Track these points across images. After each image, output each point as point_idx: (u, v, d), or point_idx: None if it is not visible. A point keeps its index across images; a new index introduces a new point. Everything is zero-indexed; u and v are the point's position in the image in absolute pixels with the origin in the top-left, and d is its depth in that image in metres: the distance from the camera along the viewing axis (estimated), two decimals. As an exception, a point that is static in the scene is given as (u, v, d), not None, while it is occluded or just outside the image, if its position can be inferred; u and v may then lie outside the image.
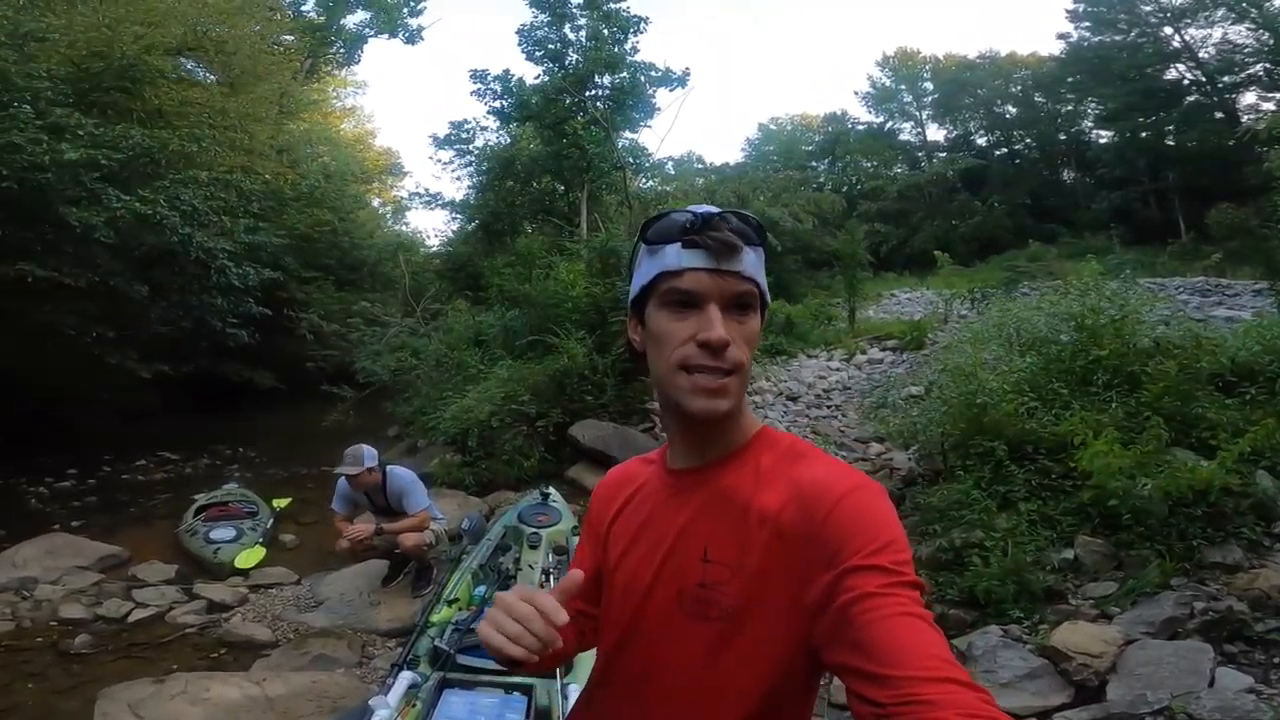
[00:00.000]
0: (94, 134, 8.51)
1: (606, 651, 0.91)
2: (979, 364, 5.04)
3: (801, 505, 0.73)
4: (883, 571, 0.65)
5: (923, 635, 0.61)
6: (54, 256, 8.92)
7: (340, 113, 27.21)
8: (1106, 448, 3.33)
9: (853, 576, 0.66)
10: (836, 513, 0.71)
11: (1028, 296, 10.07)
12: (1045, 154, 30.99)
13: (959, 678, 0.58)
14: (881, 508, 0.72)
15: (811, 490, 0.74)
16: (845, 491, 0.72)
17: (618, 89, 13.16)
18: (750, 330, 0.79)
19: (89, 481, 8.02)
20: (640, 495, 0.92)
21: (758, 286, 0.80)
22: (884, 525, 0.70)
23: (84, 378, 10.31)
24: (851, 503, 0.71)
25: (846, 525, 0.70)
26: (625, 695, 0.85)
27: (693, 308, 0.78)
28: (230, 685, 2.74)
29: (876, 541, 0.68)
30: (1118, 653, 2.36)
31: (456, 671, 2.26)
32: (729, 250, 0.77)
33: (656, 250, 0.81)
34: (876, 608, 0.63)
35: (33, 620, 4.12)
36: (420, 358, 9.14)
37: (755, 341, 0.80)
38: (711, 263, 0.77)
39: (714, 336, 0.75)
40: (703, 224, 0.78)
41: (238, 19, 13.00)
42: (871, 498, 0.73)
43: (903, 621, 0.62)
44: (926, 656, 0.59)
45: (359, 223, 19.05)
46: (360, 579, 4.33)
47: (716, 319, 0.76)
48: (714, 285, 0.77)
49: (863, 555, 0.67)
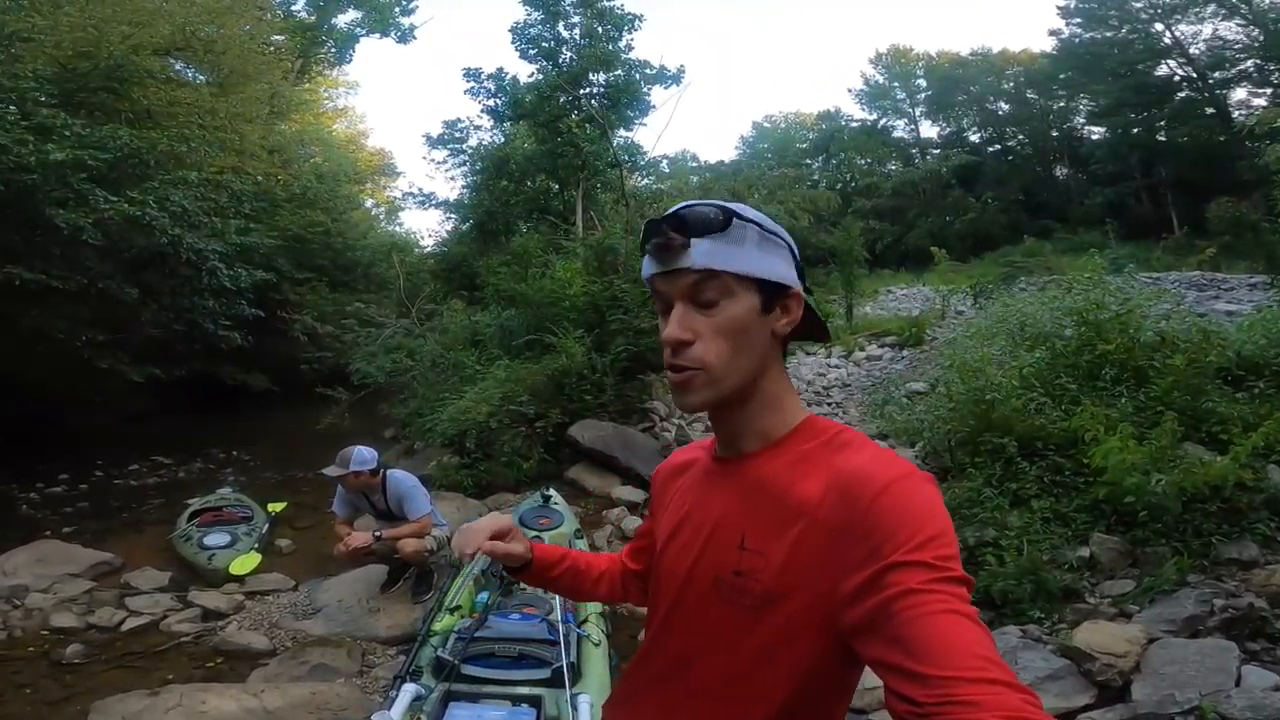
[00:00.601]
0: (81, 134, 8.39)
1: (651, 633, 0.92)
2: (986, 360, 5.00)
3: (842, 494, 0.71)
4: (927, 567, 0.62)
5: (966, 633, 0.58)
6: (42, 259, 8.81)
7: (332, 113, 27.04)
8: (1121, 444, 3.28)
9: (895, 572, 0.63)
10: (880, 503, 0.68)
11: (1026, 292, 10.07)
12: (1038, 150, 31.09)
13: (1004, 678, 0.55)
14: (928, 498, 0.69)
15: (853, 479, 0.71)
16: (890, 481, 0.69)
17: (612, 87, 13.07)
18: (720, 321, 0.78)
19: (80, 486, 7.91)
20: (690, 481, 0.93)
21: (727, 272, 0.77)
22: (930, 518, 0.67)
23: (75, 381, 10.20)
24: (896, 493, 0.68)
25: (890, 517, 0.67)
26: (665, 676, 0.86)
27: (668, 310, 0.81)
28: (227, 697, 2.65)
29: (921, 535, 0.64)
30: (1141, 652, 2.31)
31: (461, 683, 2.18)
32: (668, 251, 0.79)
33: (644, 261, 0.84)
34: (919, 604, 0.60)
35: (24, 629, 4.03)
36: (416, 359, 9.04)
37: (734, 330, 0.78)
38: (660, 266, 0.80)
39: (665, 336, 0.80)
40: (650, 230, 0.80)
41: (227, 18, 12.86)
42: (918, 487, 0.70)
43: (946, 619, 0.59)
44: (969, 655, 0.56)
45: (352, 223, 18.94)
46: (359, 585, 4.23)
47: (672, 319, 0.79)
48: (669, 286, 0.80)
49: (906, 550, 0.64)
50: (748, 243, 0.78)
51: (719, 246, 0.77)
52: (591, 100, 12.70)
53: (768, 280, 0.79)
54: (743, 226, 0.78)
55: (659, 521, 0.97)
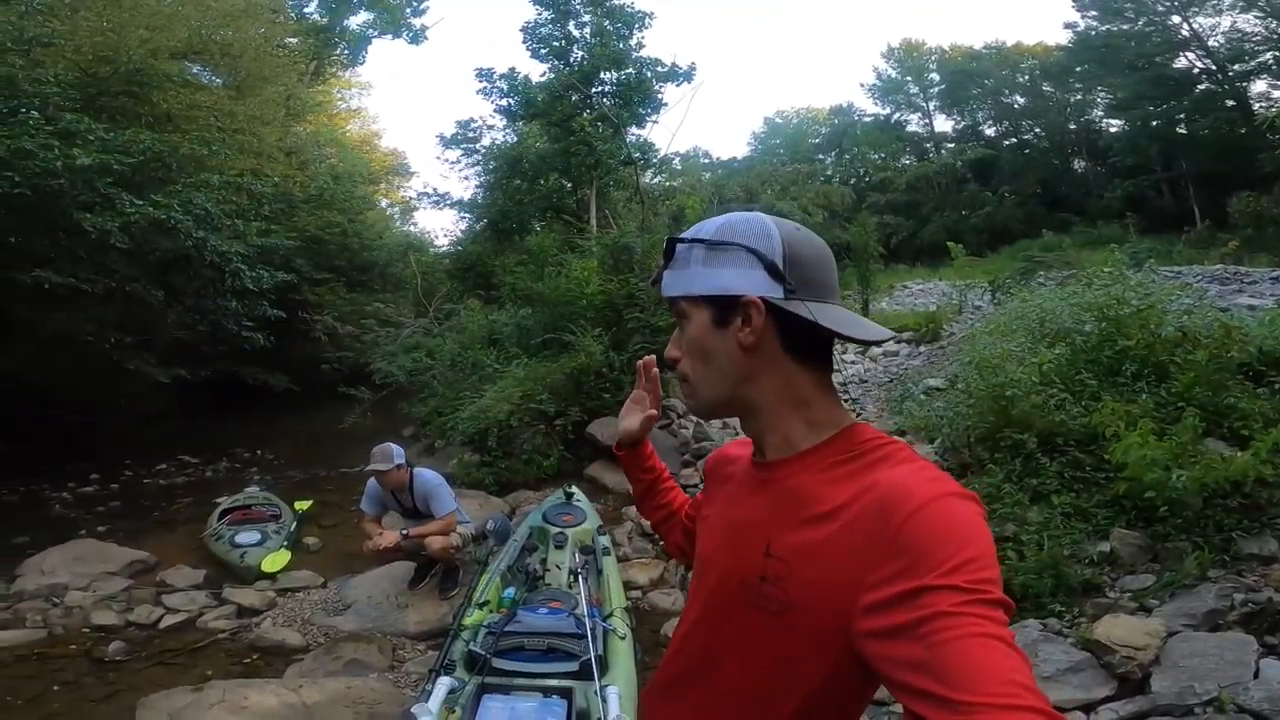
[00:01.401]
0: (105, 139, 8.51)
1: (686, 626, 0.94)
2: (1006, 356, 5.00)
3: (876, 508, 0.70)
4: (961, 591, 0.60)
5: (999, 658, 0.56)
6: (70, 262, 8.98)
7: (346, 114, 27.24)
8: (1141, 439, 3.29)
9: (927, 595, 0.61)
10: (915, 521, 0.66)
11: (1045, 287, 9.98)
12: (1055, 143, 30.67)
13: (1037, 705, 0.53)
14: (968, 520, 0.67)
15: (889, 493, 0.70)
16: (929, 499, 0.67)
17: (624, 85, 13.10)
18: (688, 340, 0.86)
19: (111, 486, 8.10)
20: (731, 482, 0.95)
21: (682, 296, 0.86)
22: (969, 539, 0.65)
23: (103, 383, 10.38)
24: (934, 511, 0.66)
25: (925, 536, 0.65)
26: (697, 672, 0.88)
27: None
28: (267, 693, 2.75)
29: (958, 557, 0.62)
30: (1160, 645, 2.34)
31: (494, 676, 2.25)
32: (658, 283, 0.89)
33: None
34: (950, 627, 0.58)
35: (65, 627, 4.14)
36: (435, 358, 9.14)
37: (698, 346, 0.85)
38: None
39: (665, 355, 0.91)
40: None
41: (241, 22, 13.00)
42: (958, 507, 0.68)
43: (978, 642, 0.57)
44: (1002, 681, 0.54)
45: (368, 224, 19.08)
46: (386, 581, 4.34)
47: (673, 339, 0.90)
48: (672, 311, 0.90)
49: (940, 573, 0.61)
50: (693, 263, 0.84)
51: (673, 274, 0.86)
52: (603, 99, 12.73)
53: (715, 295, 0.82)
54: (687, 249, 0.85)
55: (704, 510, 1.00)
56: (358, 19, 22.21)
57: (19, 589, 4.65)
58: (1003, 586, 0.64)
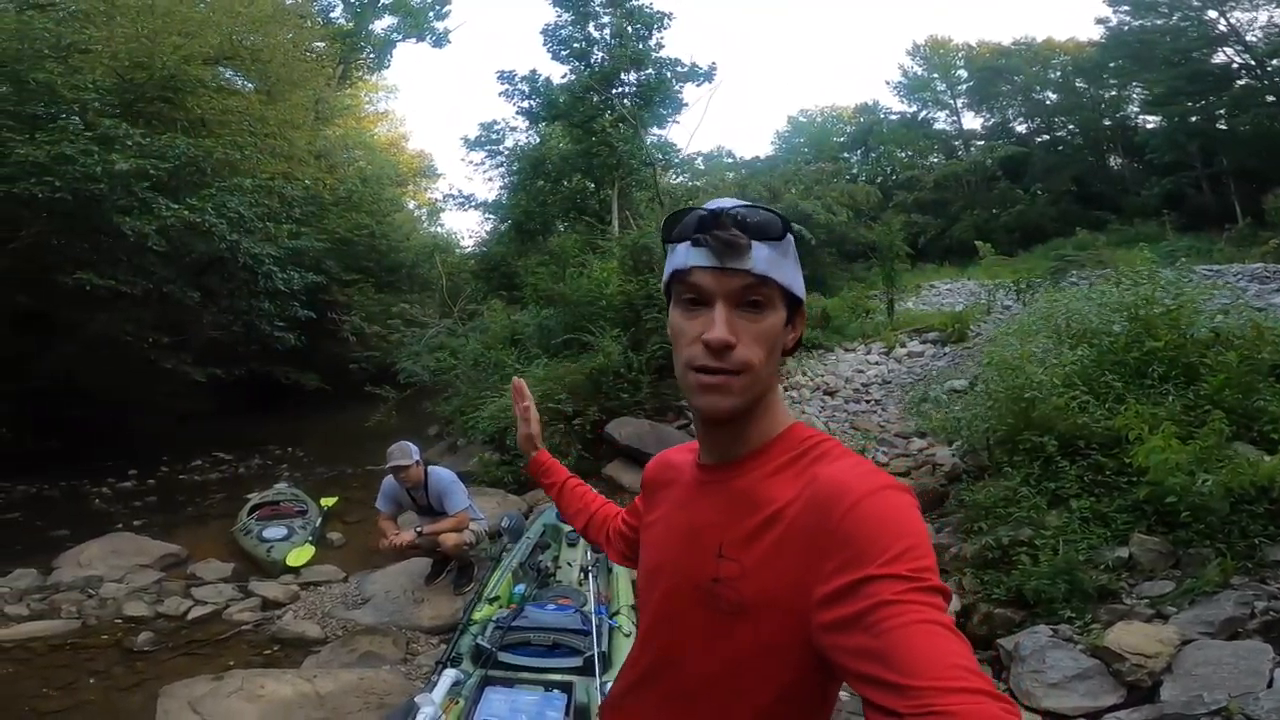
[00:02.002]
0: (142, 144, 8.77)
1: (639, 635, 0.95)
2: (1026, 357, 4.90)
3: (819, 504, 0.72)
4: (902, 579, 0.63)
5: (944, 643, 0.58)
6: (110, 265, 9.29)
7: (374, 117, 27.71)
8: (1163, 443, 3.21)
9: (871, 584, 0.63)
10: (854, 514, 0.68)
11: (1077, 286, 9.75)
12: (1089, 140, 29.81)
13: (982, 687, 0.55)
14: (903, 511, 0.69)
15: (830, 489, 0.72)
16: (866, 493, 0.70)
17: (644, 85, 13.12)
18: (764, 328, 0.78)
19: (148, 482, 8.35)
20: (675, 487, 0.94)
21: (776, 283, 0.78)
22: (905, 529, 0.67)
23: (142, 382, 10.72)
24: (871, 505, 0.69)
25: (865, 529, 0.67)
26: (655, 677, 0.87)
27: (703, 306, 0.78)
28: (283, 682, 2.83)
29: (896, 547, 0.65)
30: (1174, 653, 2.28)
31: (498, 669, 2.29)
32: (731, 248, 0.76)
33: (673, 249, 0.82)
34: (895, 615, 0.60)
35: (98, 618, 4.28)
36: (458, 358, 9.26)
37: (772, 339, 0.79)
38: (715, 261, 0.77)
39: (713, 337, 0.76)
40: (709, 222, 0.77)
41: (270, 27, 13.29)
42: (893, 499, 0.70)
43: (923, 629, 0.59)
44: (947, 665, 0.56)
45: (396, 225, 19.39)
46: (404, 577, 4.42)
47: (720, 319, 0.76)
48: (718, 284, 0.77)
49: (881, 563, 0.64)
50: (789, 255, 0.80)
51: (775, 254, 0.78)
52: (624, 99, 12.76)
53: (796, 295, 0.81)
54: (789, 240, 0.80)
55: (647, 518, 0.99)
56: (382, 23, 22.71)
57: (56, 580, 4.83)
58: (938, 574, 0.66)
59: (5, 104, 8.16)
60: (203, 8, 11.99)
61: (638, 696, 0.90)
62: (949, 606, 0.64)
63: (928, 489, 4.57)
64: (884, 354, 11.17)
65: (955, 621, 3.09)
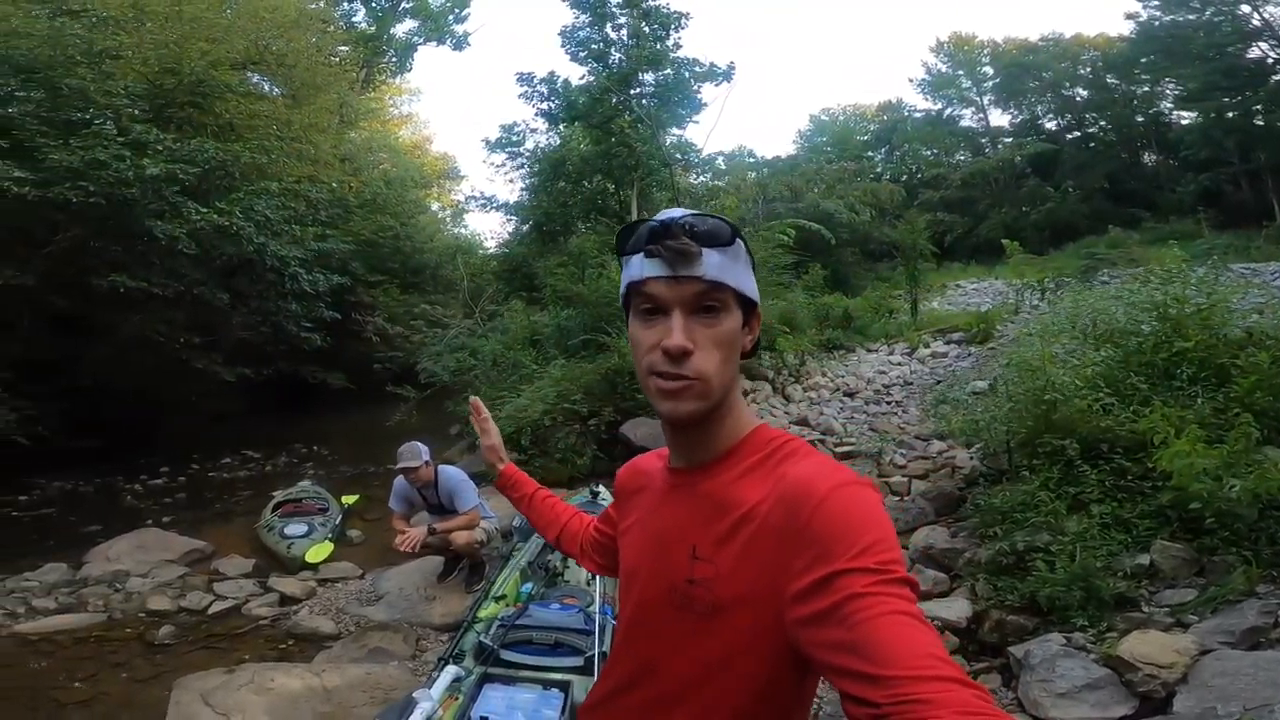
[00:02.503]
0: (172, 149, 8.98)
1: (617, 641, 0.96)
2: (1048, 358, 4.79)
3: (786, 503, 0.73)
4: (870, 572, 0.64)
5: (915, 633, 0.60)
6: (143, 268, 9.53)
7: (398, 120, 28.09)
8: (1188, 446, 3.11)
9: (841, 579, 0.65)
10: (821, 511, 0.70)
11: (1107, 285, 9.52)
12: (1122, 136, 29.12)
13: (955, 675, 0.56)
14: (868, 505, 0.71)
15: (796, 488, 0.74)
16: (831, 489, 0.72)
17: (662, 86, 13.09)
18: (720, 332, 0.80)
19: (179, 479, 8.54)
20: (647, 493, 0.95)
21: (729, 287, 0.80)
22: (870, 524, 0.69)
23: (175, 382, 10.99)
24: (836, 500, 0.71)
25: (832, 524, 0.69)
26: (633, 682, 0.88)
27: (660, 314, 0.80)
28: (293, 676, 2.89)
29: (862, 541, 0.67)
30: (1190, 663, 2.20)
31: (499, 667, 2.30)
32: (683, 257, 0.78)
33: (627, 261, 0.84)
34: (866, 607, 0.62)
35: (123, 612, 4.40)
36: (478, 358, 9.35)
37: (729, 342, 0.81)
38: (669, 270, 0.79)
39: (671, 344, 0.78)
40: (661, 232, 0.79)
41: (294, 32, 13.54)
42: (857, 494, 0.72)
43: (894, 620, 0.61)
44: (920, 655, 0.58)
45: (419, 227, 19.60)
46: (418, 575, 4.47)
47: (677, 326, 0.78)
48: (673, 292, 0.79)
49: (849, 557, 0.66)
50: (741, 259, 0.82)
51: (726, 260, 0.80)
52: (642, 100, 12.75)
53: (750, 298, 0.83)
54: (739, 243, 0.81)
55: (621, 525, 1.01)
56: (403, 27, 23.02)
57: (85, 575, 4.97)
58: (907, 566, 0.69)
59: (40, 110, 8.40)
60: (229, 13, 12.23)
61: (616, 703, 0.91)
62: (917, 597, 0.65)
63: (944, 492, 4.49)
64: (907, 354, 11.03)
65: (966, 628, 3.04)
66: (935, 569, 3.60)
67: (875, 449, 6.01)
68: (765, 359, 8.80)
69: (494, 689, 2.14)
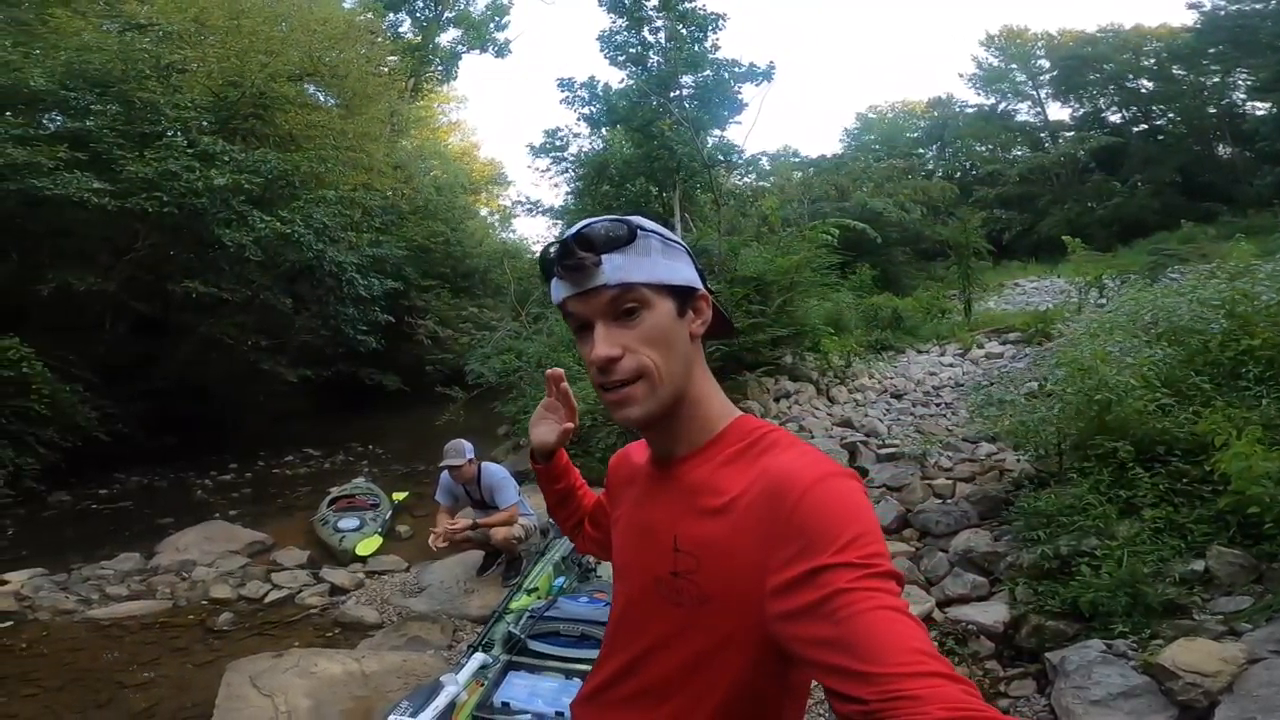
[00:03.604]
0: (237, 160, 9.41)
1: (607, 635, 0.96)
2: (1101, 357, 4.60)
3: (768, 495, 0.73)
4: (854, 566, 0.64)
5: (902, 628, 0.59)
6: (214, 274, 10.07)
7: (447, 128, 28.76)
8: (1248, 449, 2.95)
9: (825, 574, 0.64)
10: (804, 504, 0.69)
11: (1173, 282, 9.05)
12: (1193, 128, 27.45)
13: (942, 671, 0.56)
14: (852, 498, 0.70)
15: (778, 480, 0.73)
16: (813, 481, 0.71)
17: (702, 87, 13.02)
18: (646, 329, 0.79)
19: (245, 475, 8.97)
20: (633, 485, 0.96)
21: (639, 284, 0.79)
22: (854, 517, 0.68)
23: (243, 383, 11.54)
24: (819, 493, 0.70)
25: (815, 518, 0.68)
26: (621, 675, 0.89)
27: (588, 330, 0.81)
28: (334, 661, 3.04)
29: (846, 535, 0.66)
30: (1237, 672, 2.09)
31: (525, 656, 2.37)
32: (580, 272, 0.79)
33: (551, 285, 0.85)
34: (852, 602, 0.61)
35: (188, 600, 4.67)
36: (524, 360, 9.51)
37: (661, 335, 0.80)
38: (574, 289, 0.80)
39: (594, 357, 0.79)
40: (560, 253, 0.80)
41: (344, 44, 13.94)
42: (840, 486, 0.71)
43: (880, 615, 0.60)
44: (908, 650, 0.57)
45: (468, 232, 19.97)
46: (459, 568, 4.61)
47: (597, 338, 0.79)
48: (587, 307, 0.80)
49: (832, 551, 0.65)
50: (653, 252, 0.80)
51: (629, 259, 0.79)
52: (682, 102, 12.72)
53: (678, 285, 0.81)
54: (646, 237, 0.80)
55: (613, 514, 1.02)
56: (447, 36, 23.54)
57: (155, 564, 5.30)
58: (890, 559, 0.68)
59: (116, 123, 8.92)
60: (284, 27, 12.67)
61: (606, 696, 0.91)
62: (901, 590, 0.65)
63: (989, 496, 4.36)
64: (960, 355, 10.73)
65: (1002, 633, 2.96)
66: (975, 573, 3.51)
67: (919, 451, 5.87)
68: (809, 360, 8.69)
69: (518, 676, 2.21)
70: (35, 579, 4.91)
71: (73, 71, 8.65)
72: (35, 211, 8.30)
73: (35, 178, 7.66)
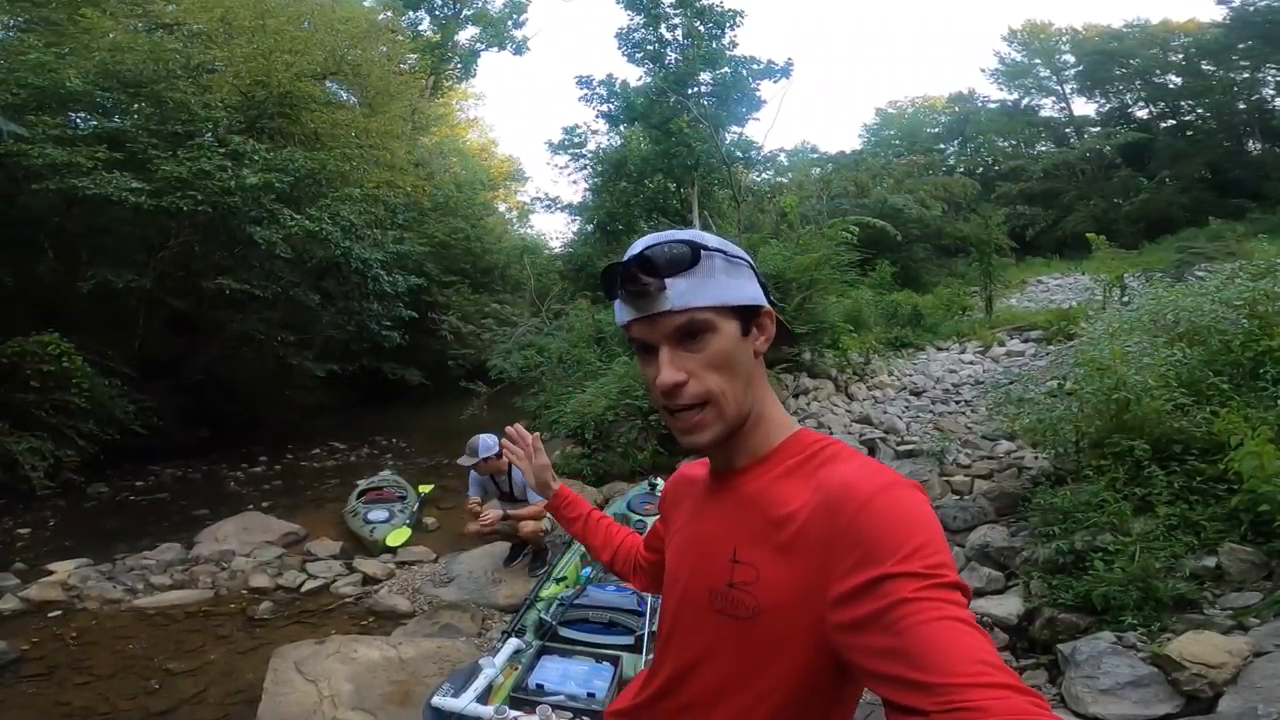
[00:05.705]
0: (267, 159, 9.59)
1: (657, 648, 0.96)
2: (1119, 356, 4.63)
3: (828, 506, 0.72)
4: (918, 576, 0.62)
5: (966, 639, 0.58)
6: (245, 271, 10.32)
7: (465, 125, 28.95)
8: (1259, 448, 3.00)
9: (887, 583, 0.63)
10: (865, 514, 0.69)
11: (1197, 281, 8.96)
12: (1223, 124, 26.87)
13: (1009, 682, 0.55)
14: (914, 508, 0.70)
15: (838, 491, 0.72)
16: (874, 491, 0.70)
17: (720, 85, 13.03)
18: (712, 354, 0.79)
19: (276, 467, 9.18)
20: (690, 500, 0.96)
21: (705, 307, 0.78)
22: (917, 527, 0.67)
23: (272, 377, 11.82)
24: (881, 503, 0.69)
25: (876, 527, 0.67)
26: (668, 692, 0.88)
27: (652, 352, 0.81)
28: (373, 648, 3.20)
29: (909, 544, 0.65)
30: (1242, 664, 2.17)
31: (557, 641, 2.51)
32: (644, 297, 0.78)
33: (615, 305, 0.85)
34: (915, 613, 0.60)
35: (228, 589, 4.82)
36: (545, 355, 9.66)
37: (726, 359, 0.79)
38: (638, 312, 0.80)
39: (661, 383, 0.78)
40: (623, 276, 0.80)
41: (366, 42, 14.14)
42: (903, 496, 0.70)
43: (944, 625, 0.59)
44: (972, 661, 0.56)
45: (488, 228, 20.13)
46: (486, 559, 4.77)
47: (662, 363, 0.79)
48: (652, 331, 0.80)
49: (895, 560, 0.64)
50: (717, 272, 0.79)
51: (693, 282, 0.78)
52: (700, 100, 12.75)
53: (743, 305, 0.81)
54: (709, 257, 0.79)
55: (667, 534, 1.02)
56: (466, 34, 23.75)
57: (196, 554, 5.46)
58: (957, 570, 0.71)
59: (149, 123, 9.13)
60: (307, 26, 12.86)
61: (655, 707, 0.90)
62: (969, 602, 0.64)
63: (1007, 492, 4.43)
64: (980, 353, 10.71)
65: (1016, 625, 3.04)
66: (991, 567, 3.60)
67: (938, 448, 5.93)
68: (828, 357, 8.75)
69: (551, 660, 2.35)
70: (81, 569, 5.04)
71: (107, 72, 8.84)
72: (72, 210, 8.56)
73: (75, 178, 7.88)
